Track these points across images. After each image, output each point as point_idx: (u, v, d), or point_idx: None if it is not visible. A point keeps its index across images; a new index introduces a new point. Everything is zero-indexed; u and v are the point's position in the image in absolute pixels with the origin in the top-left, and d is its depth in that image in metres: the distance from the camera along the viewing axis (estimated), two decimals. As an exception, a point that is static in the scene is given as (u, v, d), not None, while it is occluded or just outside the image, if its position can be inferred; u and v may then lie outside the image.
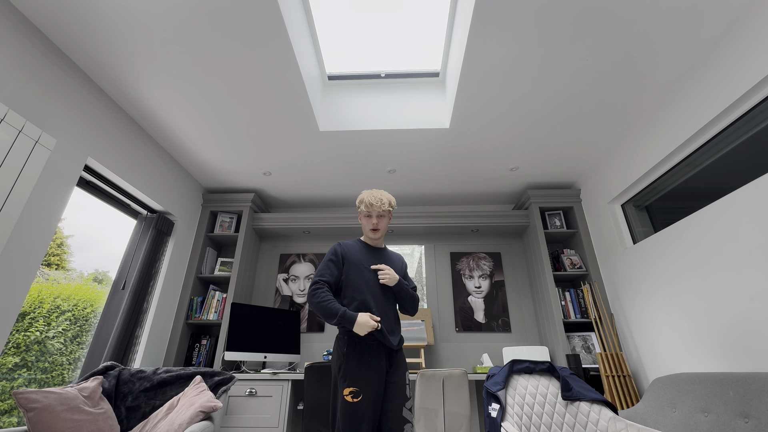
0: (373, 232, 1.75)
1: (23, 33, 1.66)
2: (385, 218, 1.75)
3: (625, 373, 2.38)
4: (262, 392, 2.47)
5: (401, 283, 1.69)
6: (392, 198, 1.77)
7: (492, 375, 2.05)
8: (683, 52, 1.88)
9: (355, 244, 1.78)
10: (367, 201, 1.72)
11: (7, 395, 1.78)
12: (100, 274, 2.47)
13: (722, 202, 1.79)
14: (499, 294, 3.26)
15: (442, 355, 3.05)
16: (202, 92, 2.14)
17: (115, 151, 2.22)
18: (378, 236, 1.76)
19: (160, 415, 1.79)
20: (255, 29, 1.76)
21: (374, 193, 1.72)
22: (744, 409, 1.41)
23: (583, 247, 2.98)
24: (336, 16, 2.17)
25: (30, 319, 1.92)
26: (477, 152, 2.76)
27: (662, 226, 2.29)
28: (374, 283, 1.66)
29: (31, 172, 1.58)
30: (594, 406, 1.83)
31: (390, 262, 1.79)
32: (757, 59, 1.62)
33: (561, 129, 2.49)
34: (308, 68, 2.16)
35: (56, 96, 1.83)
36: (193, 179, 3.11)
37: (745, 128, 1.79)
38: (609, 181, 2.73)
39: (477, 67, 1.98)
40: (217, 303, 2.98)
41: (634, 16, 1.70)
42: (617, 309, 2.64)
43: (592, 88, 2.12)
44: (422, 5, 2.12)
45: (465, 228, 3.32)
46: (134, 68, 1.97)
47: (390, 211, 1.77)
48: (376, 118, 2.54)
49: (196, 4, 1.64)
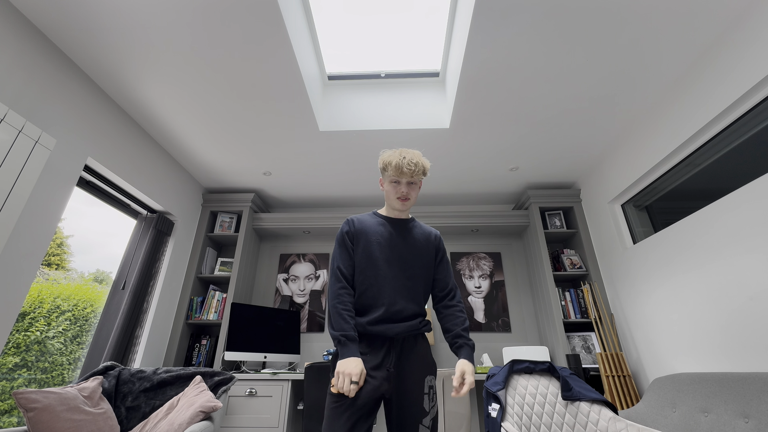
0: (401, 202, 1.38)
1: (23, 33, 1.66)
2: (416, 187, 1.40)
3: (625, 373, 2.38)
4: (262, 392, 2.47)
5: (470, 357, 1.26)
6: (427, 163, 1.39)
7: (492, 375, 2.05)
8: (683, 52, 1.88)
9: (370, 218, 1.42)
10: (395, 164, 1.33)
11: (7, 395, 1.78)
12: (101, 274, 2.47)
13: (722, 202, 1.79)
14: (499, 294, 3.26)
15: (442, 355, 3.05)
16: (202, 92, 2.14)
17: (115, 151, 2.22)
18: (406, 208, 1.40)
19: (160, 415, 1.79)
20: (255, 29, 1.76)
21: (406, 155, 1.34)
22: (744, 409, 1.41)
23: (583, 247, 2.98)
24: (336, 16, 2.17)
25: (30, 319, 1.92)
26: (477, 152, 2.76)
27: (662, 226, 2.29)
28: (392, 265, 1.32)
29: (31, 172, 1.58)
30: (594, 406, 1.83)
31: (419, 242, 1.40)
32: (756, 59, 1.62)
33: (561, 129, 2.49)
34: (308, 68, 2.16)
35: (56, 96, 1.83)
36: (193, 179, 3.11)
37: (745, 128, 1.79)
38: (609, 181, 2.72)
39: (477, 67, 1.98)
40: (217, 303, 2.98)
41: (634, 17, 1.70)
42: (617, 309, 2.63)
43: (592, 87, 2.12)
44: (422, 5, 2.12)
45: (465, 228, 3.32)
46: (134, 68, 1.97)
47: (422, 177, 1.40)
48: (376, 118, 2.54)
49: (196, 5, 1.64)
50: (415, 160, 1.34)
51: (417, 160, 1.34)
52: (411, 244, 1.39)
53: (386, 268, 1.32)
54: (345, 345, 1.18)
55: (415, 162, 1.33)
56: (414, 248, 1.38)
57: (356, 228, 1.39)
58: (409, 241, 1.39)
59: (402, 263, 1.34)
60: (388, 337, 1.26)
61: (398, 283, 1.31)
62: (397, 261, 1.34)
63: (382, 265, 1.32)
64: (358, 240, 1.36)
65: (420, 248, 1.39)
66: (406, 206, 1.39)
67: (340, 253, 1.35)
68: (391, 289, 1.30)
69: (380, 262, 1.32)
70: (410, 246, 1.38)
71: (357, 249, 1.35)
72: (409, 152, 1.36)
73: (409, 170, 1.33)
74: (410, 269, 1.35)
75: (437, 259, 1.44)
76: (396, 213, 1.44)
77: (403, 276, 1.33)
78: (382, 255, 1.33)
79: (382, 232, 1.38)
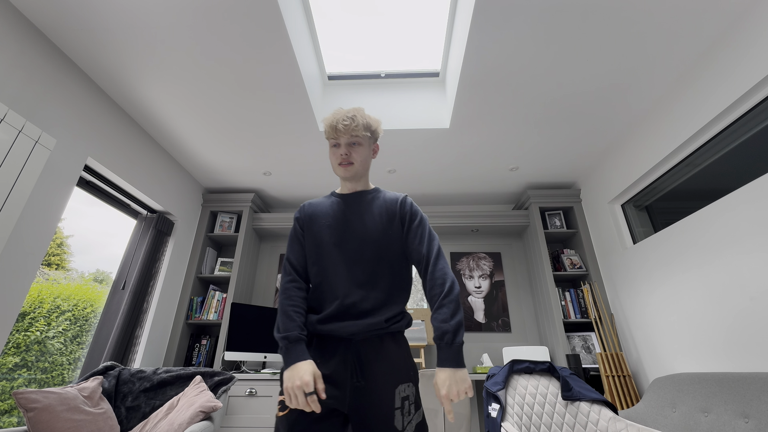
0: (343, 168, 1.13)
1: (23, 33, 1.66)
2: (362, 148, 1.15)
3: (625, 373, 2.38)
4: (262, 392, 2.47)
5: (456, 355, 0.93)
6: (372, 118, 1.18)
7: (492, 375, 2.05)
8: (683, 52, 1.88)
9: (325, 200, 1.21)
10: (330, 123, 1.13)
11: (7, 395, 1.78)
12: (101, 274, 2.47)
13: (722, 202, 1.79)
14: (499, 294, 3.26)
15: (442, 355, 3.05)
16: (202, 92, 2.14)
17: (115, 151, 2.22)
18: (350, 174, 1.14)
19: (160, 415, 1.79)
20: (255, 29, 1.76)
21: (341, 111, 1.14)
22: (744, 409, 1.41)
23: (583, 247, 2.98)
24: (336, 15, 2.17)
25: (30, 319, 1.92)
26: (477, 152, 2.76)
27: (662, 226, 2.29)
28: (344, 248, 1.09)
29: (31, 172, 1.58)
30: (594, 406, 1.83)
31: (378, 215, 1.12)
32: (756, 59, 1.62)
33: (561, 129, 2.49)
34: (308, 68, 2.16)
35: (56, 96, 1.83)
36: (193, 179, 3.11)
37: (744, 128, 1.79)
38: (609, 181, 2.73)
39: (477, 67, 1.98)
40: (217, 303, 2.98)
41: (634, 17, 1.70)
42: (617, 309, 2.63)
43: (592, 87, 2.12)
44: (422, 5, 2.12)
45: (465, 228, 3.32)
46: (134, 68, 1.97)
47: (369, 137, 1.16)
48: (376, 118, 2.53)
49: (196, 5, 1.64)
50: (351, 114, 1.12)
51: (354, 114, 1.13)
52: (368, 219, 1.12)
53: (337, 254, 1.08)
54: (288, 350, 0.95)
55: (351, 116, 1.11)
56: (372, 223, 1.11)
57: (306, 213, 1.18)
58: (366, 216, 1.12)
59: (358, 244, 1.08)
60: (342, 339, 1.01)
61: (355, 269, 1.06)
62: (351, 243, 1.09)
63: (331, 250, 1.09)
64: (309, 226, 1.15)
65: (380, 222, 1.11)
66: (350, 172, 1.14)
67: (290, 244, 1.17)
68: (345, 279, 1.05)
69: (329, 247, 1.09)
70: (367, 222, 1.11)
71: (308, 237, 1.14)
72: (350, 109, 1.15)
73: (345, 126, 1.10)
74: (369, 250, 1.08)
75: (405, 226, 1.12)
76: (350, 186, 1.19)
77: (360, 260, 1.07)
78: (331, 239, 1.10)
79: (333, 212, 1.15)
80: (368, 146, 1.18)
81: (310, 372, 0.90)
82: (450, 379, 0.91)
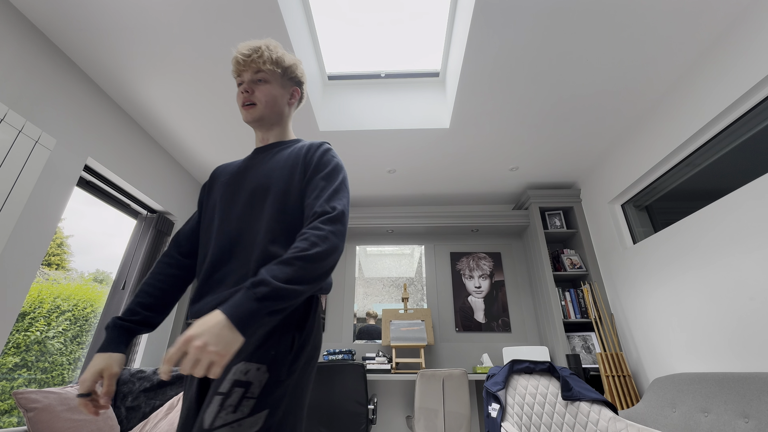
0: (245, 111, 0.94)
1: (23, 33, 1.66)
2: (269, 86, 0.95)
3: (625, 373, 2.38)
4: (262, 392, 2.47)
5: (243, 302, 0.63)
6: (289, 56, 0.98)
7: (492, 375, 2.05)
8: (683, 52, 1.88)
9: (240, 160, 1.02)
10: (233, 57, 0.94)
11: (7, 395, 1.78)
12: (101, 274, 2.47)
13: (722, 202, 1.79)
14: (499, 294, 3.26)
15: (442, 355, 3.05)
16: (202, 92, 2.14)
17: (115, 151, 2.22)
18: (252, 118, 0.95)
19: (160, 415, 1.79)
20: (255, 29, 1.76)
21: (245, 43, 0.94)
22: (744, 409, 1.41)
23: (583, 247, 2.98)
24: (336, 15, 2.17)
25: (30, 319, 1.92)
26: (477, 152, 2.76)
27: (662, 226, 2.29)
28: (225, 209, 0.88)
29: (31, 172, 1.58)
30: (594, 406, 1.83)
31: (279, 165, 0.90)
32: (756, 59, 1.62)
33: (561, 129, 2.49)
34: (308, 68, 2.16)
35: (56, 96, 1.83)
36: (193, 179, 3.11)
37: (745, 128, 1.79)
38: (609, 181, 2.72)
39: (477, 67, 1.98)
40: (217, 303, 2.98)
41: (634, 17, 1.70)
42: (617, 309, 2.63)
43: (592, 88, 2.12)
44: (422, 5, 2.12)
45: (465, 228, 3.32)
46: (134, 68, 1.97)
47: (280, 74, 0.96)
48: (376, 118, 2.53)
49: (196, 4, 1.64)
50: (256, 45, 0.93)
51: (260, 45, 0.93)
52: (264, 173, 0.90)
53: (217, 217, 0.88)
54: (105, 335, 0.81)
55: (255, 47, 0.92)
56: (267, 177, 0.88)
57: (212, 176, 1.01)
58: (262, 169, 0.91)
59: (243, 203, 0.87)
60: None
61: (231, 234, 0.83)
62: (234, 202, 0.88)
63: (214, 213, 0.90)
64: (210, 190, 0.98)
65: (280, 176, 0.88)
66: (252, 115, 0.94)
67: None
68: (216, 247, 0.83)
69: (213, 211, 0.90)
70: (262, 176, 0.89)
71: (207, 202, 0.96)
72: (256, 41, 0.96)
73: (244, 58, 0.92)
74: (252, 209, 0.85)
75: (306, 177, 0.87)
76: (260, 137, 1.00)
77: (238, 221, 0.85)
78: (220, 199, 0.91)
79: (236, 169, 0.96)
80: (278, 85, 0.96)
81: (96, 369, 0.75)
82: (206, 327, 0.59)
